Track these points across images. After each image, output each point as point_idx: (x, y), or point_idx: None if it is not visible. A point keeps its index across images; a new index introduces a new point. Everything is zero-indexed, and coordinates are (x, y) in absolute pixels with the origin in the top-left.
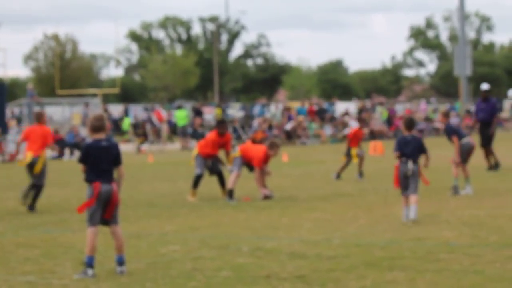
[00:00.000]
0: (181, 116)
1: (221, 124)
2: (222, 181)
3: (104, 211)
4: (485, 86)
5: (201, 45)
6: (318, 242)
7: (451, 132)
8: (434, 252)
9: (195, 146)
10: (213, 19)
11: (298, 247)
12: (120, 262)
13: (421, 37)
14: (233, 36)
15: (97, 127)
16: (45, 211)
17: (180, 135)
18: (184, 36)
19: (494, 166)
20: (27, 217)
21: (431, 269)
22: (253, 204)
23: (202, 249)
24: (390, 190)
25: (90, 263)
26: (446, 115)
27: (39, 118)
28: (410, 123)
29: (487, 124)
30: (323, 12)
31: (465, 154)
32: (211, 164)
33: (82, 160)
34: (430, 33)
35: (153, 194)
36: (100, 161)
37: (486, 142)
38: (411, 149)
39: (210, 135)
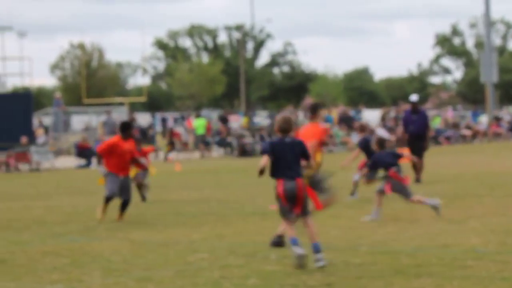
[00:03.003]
0: (200, 124)
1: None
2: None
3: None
4: (414, 98)
5: (227, 53)
6: (345, 249)
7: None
8: (461, 259)
9: (220, 155)
10: (239, 27)
11: (326, 254)
12: (316, 249)
13: (447, 44)
14: (259, 44)
15: (284, 128)
16: (72, 220)
17: (198, 144)
18: (210, 44)
19: (416, 180)
20: (54, 226)
21: (458, 276)
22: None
23: (229, 257)
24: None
25: (294, 243)
26: (363, 129)
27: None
28: (381, 143)
29: (418, 137)
30: (347, 19)
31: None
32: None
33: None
34: (456, 40)
35: (180, 202)
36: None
37: (419, 155)
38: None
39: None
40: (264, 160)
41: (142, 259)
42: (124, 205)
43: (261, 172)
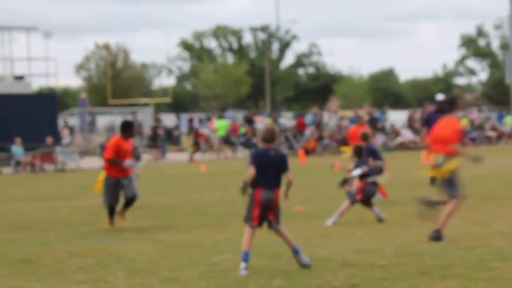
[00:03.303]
0: (221, 126)
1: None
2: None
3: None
4: (440, 97)
5: (252, 54)
6: (370, 250)
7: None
8: (486, 260)
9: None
10: (264, 28)
11: (351, 255)
12: (297, 251)
13: (472, 45)
14: (284, 46)
15: (268, 139)
16: (97, 220)
17: (220, 145)
18: (235, 45)
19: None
20: (79, 226)
21: (483, 278)
22: (305, 213)
23: (254, 258)
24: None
25: (245, 257)
26: (365, 138)
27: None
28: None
29: None
30: (372, 20)
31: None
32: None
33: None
34: (481, 42)
35: (205, 203)
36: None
37: None
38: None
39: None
40: (251, 172)
41: (167, 260)
42: (128, 202)
43: (244, 189)
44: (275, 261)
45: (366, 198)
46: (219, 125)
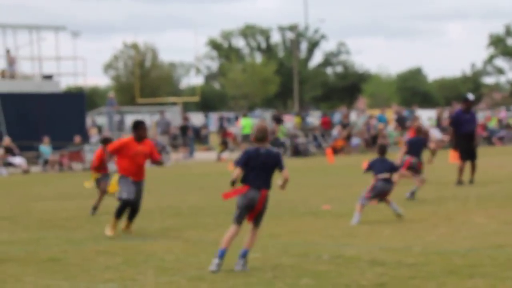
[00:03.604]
0: (247, 124)
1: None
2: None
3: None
4: (471, 96)
5: (280, 54)
6: (397, 249)
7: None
8: None
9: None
10: (292, 28)
11: (378, 254)
12: (243, 255)
13: (501, 44)
14: (313, 45)
15: (259, 137)
16: (126, 219)
17: (244, 143)
18: (263, 44)
19: (470, 181)
20: (107, 225)
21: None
22: (332, 212)
23: (282, 256)
24: (469, 198)
25: (220, 254)
26: (419, 131)
27: None
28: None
29: (471, 137)
30: (400, 19)
31: None
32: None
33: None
34: (510, 41)
35: (233, 201)
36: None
37: (472, 155)
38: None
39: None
40: (237, 172)
41: (195, 258)
42: (133, 214)
43: (233, 183)
44: (303, 260)
45: (377, 195)
46: (245, 123)
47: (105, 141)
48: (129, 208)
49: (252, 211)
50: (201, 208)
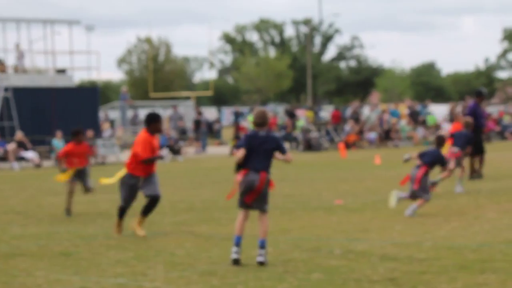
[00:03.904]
0: None
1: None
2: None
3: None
4: (484, 90)
5: (294, 48)
6: (409, 244)
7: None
8: None
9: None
10: (307, 22)
11: (390, 249)
12: (262, 245)
13: None
14: (327, 39)
15: (259, 122)
16: (136, 213)
17: None
18: (277, 39)
19: (478, 175)
20: None
21: None
22: (344, 206)
23: (293, 251)
24: (482, 193)
25: (237, 242)
26: (468, 125)
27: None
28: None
29: (481, 130)
30: (414, 14)
31: None
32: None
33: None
34: None
35: None
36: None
37: (481, 148)
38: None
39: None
40: (240, 153)
41: (206, 253)
42: (151, 204)
43: (239, 166)
44: (314, 255)
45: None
46: (252, 119)
47: (75, 134)
48: (147, 200)
49: (252, 192)
50: (214, 202)
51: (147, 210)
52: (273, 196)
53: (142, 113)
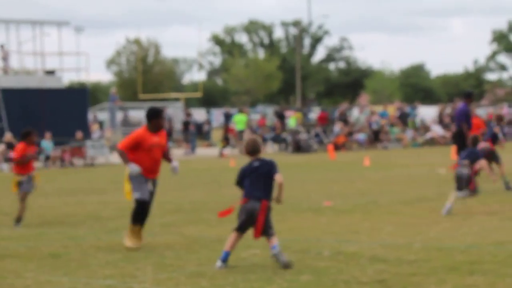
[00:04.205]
0: (240, 120)
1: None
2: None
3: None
4: (473, 92)
5: (283, 49)
6: (399, 246)
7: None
8: None
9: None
10: (296, 23)
11: (379, 251)
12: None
13: (504, 41)
14: (316, 40)
15: (251, 151)
16: (126, 215)
17: (238, 139)
18: (266, 40)
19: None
20: (108, 221)
21: None
22: (334, 208)
23: (282, 252)
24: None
25: (224, 257)
26: (500, 119)
27: None
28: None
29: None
30: (404, 15)
31: None
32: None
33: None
34: None
35: (234, 198)
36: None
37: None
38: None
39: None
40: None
41: (195, 255)
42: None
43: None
44: (303, 257)
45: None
46: (238, 119)
47: (26, 135)
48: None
49: (256, 225)
50: (203, 203)
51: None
52: None
53: (132, 115)
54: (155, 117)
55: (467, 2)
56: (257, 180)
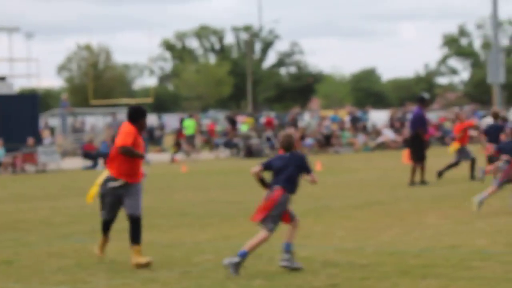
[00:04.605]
0: (190, 125)
1: None
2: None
3: None
4: (427, 96)
5: (234, 55)
6: (351, 250)
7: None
8: (468, 260)
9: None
10: (247, 29)
11: (331, 255)
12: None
13: (454, 45)
14: (267, 45)
15: (284, 147)
16: (78, 221)
17: (187, 144)
18: (217, 45)
19: (422, 182)
20: (60, 227)
21: (465, 277)
22: None
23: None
24: (423, 198)
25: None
26: (496, 116)
27: None
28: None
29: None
30: (354, 20)
31: None
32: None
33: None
34: (463, 41)
35: (186, 203)
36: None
37: (422, 156)
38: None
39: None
40: (256, 169)
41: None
42: (132, 226)
43: (262, 182)
44: (256, 261)
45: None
46: (187, 124)
47: None
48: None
49: (285, 213)
50: (154, 209)
51: (133, 235)
52: (214, 203)
53: (83, 120)
54: (142, 117)
55: (417, 7)
56: (283, 173)
